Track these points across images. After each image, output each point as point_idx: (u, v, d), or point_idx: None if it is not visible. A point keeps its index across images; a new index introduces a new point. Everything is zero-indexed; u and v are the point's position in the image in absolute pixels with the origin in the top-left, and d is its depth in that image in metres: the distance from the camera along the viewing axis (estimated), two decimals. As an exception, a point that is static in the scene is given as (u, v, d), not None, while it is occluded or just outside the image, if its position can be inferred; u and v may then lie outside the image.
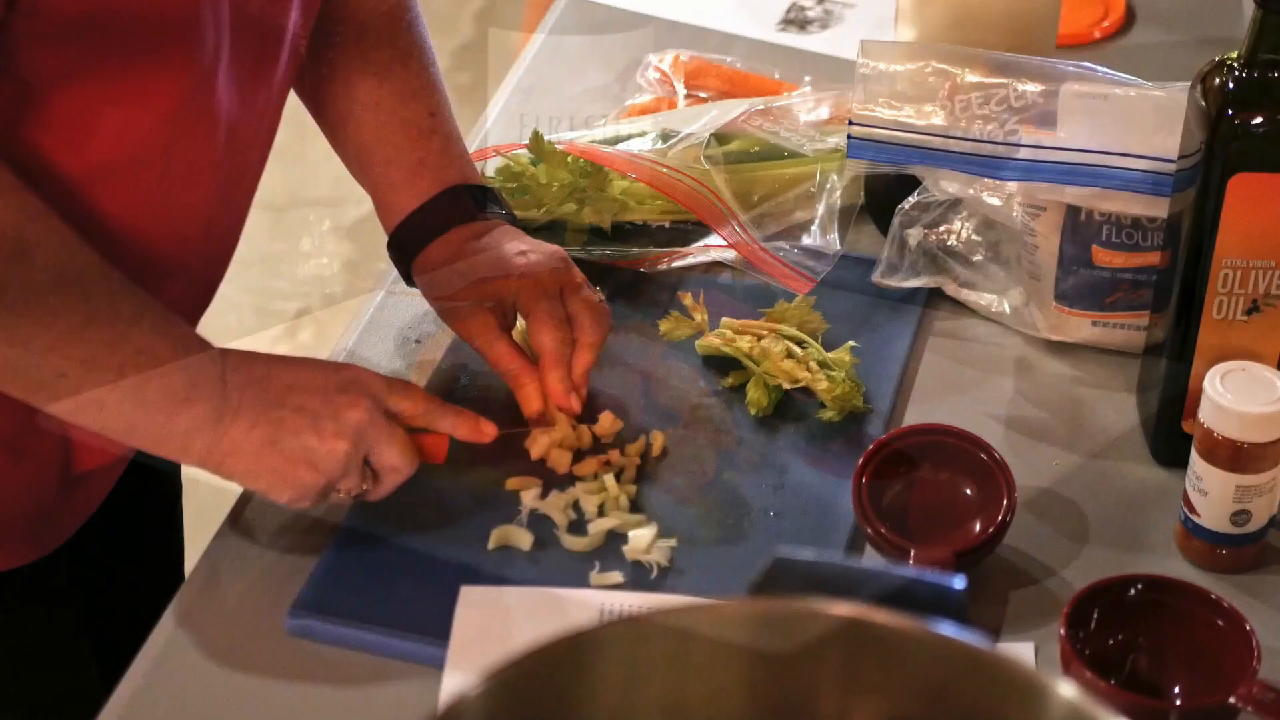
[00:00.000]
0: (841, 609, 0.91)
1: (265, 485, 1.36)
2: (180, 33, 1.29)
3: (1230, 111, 1.41)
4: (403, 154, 1.55)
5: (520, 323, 1.54)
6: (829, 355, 1.57)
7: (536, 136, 1.70)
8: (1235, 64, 1.42)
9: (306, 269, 3.56)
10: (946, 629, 0.90)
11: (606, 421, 1.52)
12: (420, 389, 1.42)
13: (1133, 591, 1.33)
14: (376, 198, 1.57)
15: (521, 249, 1.53)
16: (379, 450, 1.37)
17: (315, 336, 3.31)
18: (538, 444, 1.49)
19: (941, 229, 1.68)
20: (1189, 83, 1.46)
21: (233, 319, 3.20)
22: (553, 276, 1.51)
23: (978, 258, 1.68)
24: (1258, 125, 1.41)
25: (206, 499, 2.69)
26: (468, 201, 1.55)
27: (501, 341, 1.51)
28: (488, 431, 1.43)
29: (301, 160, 3.57)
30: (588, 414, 1.53)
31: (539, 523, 1.45)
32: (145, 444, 1.34)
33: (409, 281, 1.58)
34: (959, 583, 0.98)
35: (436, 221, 1.54)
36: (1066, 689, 0.85)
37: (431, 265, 1.54)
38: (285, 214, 3.68)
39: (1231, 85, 1.41)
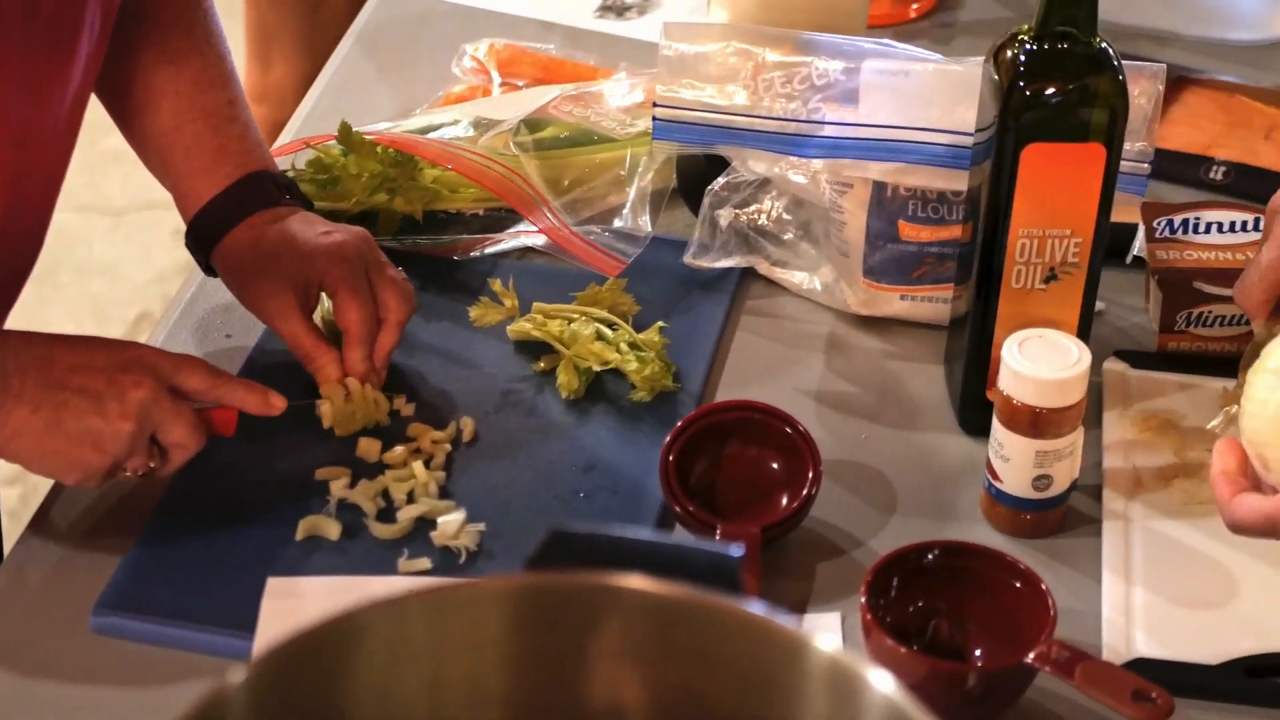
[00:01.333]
0: (614, 580, 0.91)
1: (50, 468, 1.36)
2: None
3: (1021, 83, 1.43)
4: (203, 141, 1.54)
5: (322, 304, 1.54)
6: (639, 336, 1.58)
7: (344, 127, 1.69)
8: (1026, 37, 1.44)
9: (145, 273, 3.53)
10: (718, 595, 0.91)
11: (401, 402, 1.54)
12: (206, 363, 1.43)
13: (930, 557, 1.35)
14: (176, 186, 1.56)
15: (326, 229, 1.53)
16: (165, 428, 1.37)
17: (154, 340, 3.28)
18: (325, 413, 1.50)
19: (752, 209, 1.69)
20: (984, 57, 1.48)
21: (71, 325, 3.16)
22: (358, 255, 1.52)
23: (788, 236, 1.69)
24: (1048, 96, 1.43)
25: (30, 498, 2.67)
26: (269, 187, 1.55)
27: (299, 322, 1.51)
28: (276, 404, 1.44)
29: (140, 164, 3.54)
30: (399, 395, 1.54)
31: (347, 512, 1.45)
32: None
33: (208, 270, 1.57)
34: (734, 550, 0.99)
35: (239, 206, 1.54)
36: (825, 643, 0.86)
37: (234, 250, 1.53)
38: (124, 218, 3.64)
39: (1023, 58, 1.43)
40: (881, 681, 0.84)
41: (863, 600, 1.31)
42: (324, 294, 1.53)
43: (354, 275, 1.50)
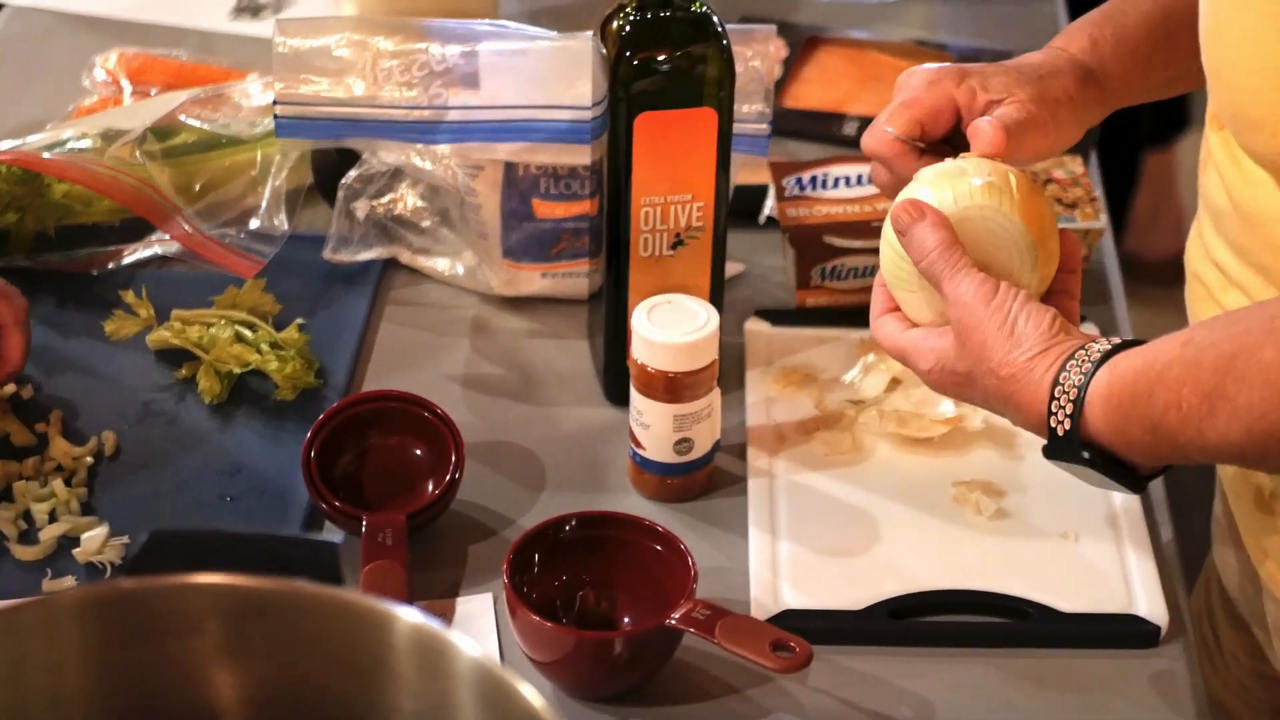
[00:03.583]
0: (201, 579, 0.91)
1: None
2: None
3: (628, 53, 1.44)
4: None
5: None
6: (279, 335, 1.57)
7: (-38, 150, 1.66)
8: (630, 8, 1.45)
9: None
10: (309, 583, 0.91)
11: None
12: None
13: (568, 529, 1.36)
14: None
15: None
16: None
17: None
18: None
19: (388, 199, 1.69)
20: (594, 31, 1.50)
21: None
22: None
23: (427, 224, 1.69)
24: (655, 64, 1.44)
25: None
26: None
27: None
28: None
29: None
30: (38, 416, 1.53)
31: (-12, 537, 1.43)
32: None
33: None
34: (335, 538, 1.00)
35: None
36: (408, 614, 0.87)
37: None
38: None
39: (628, 28, 1.45)
40: (467, 646, 0.85)
41: (505, 580, 1.31)
42: None
43: None
